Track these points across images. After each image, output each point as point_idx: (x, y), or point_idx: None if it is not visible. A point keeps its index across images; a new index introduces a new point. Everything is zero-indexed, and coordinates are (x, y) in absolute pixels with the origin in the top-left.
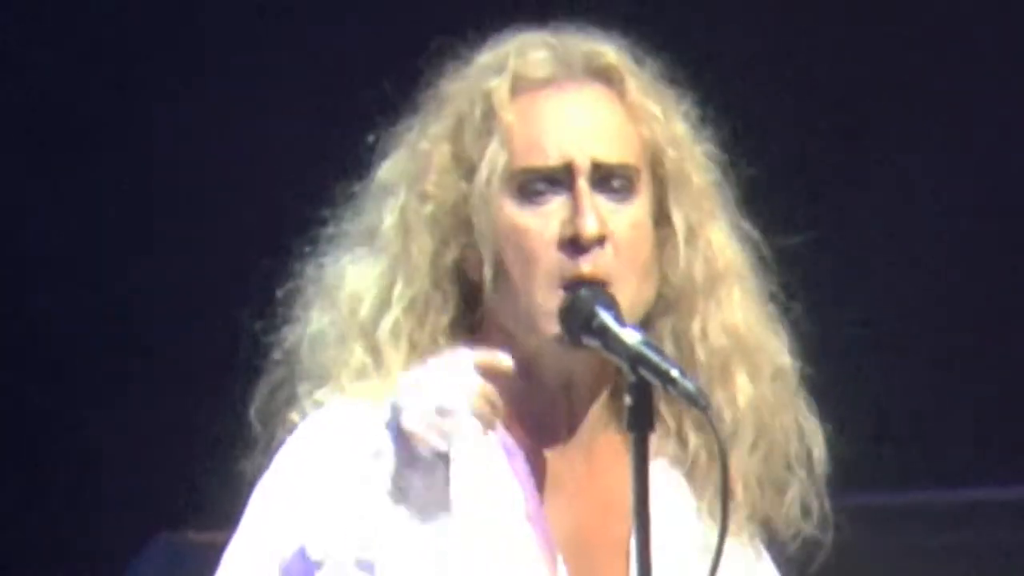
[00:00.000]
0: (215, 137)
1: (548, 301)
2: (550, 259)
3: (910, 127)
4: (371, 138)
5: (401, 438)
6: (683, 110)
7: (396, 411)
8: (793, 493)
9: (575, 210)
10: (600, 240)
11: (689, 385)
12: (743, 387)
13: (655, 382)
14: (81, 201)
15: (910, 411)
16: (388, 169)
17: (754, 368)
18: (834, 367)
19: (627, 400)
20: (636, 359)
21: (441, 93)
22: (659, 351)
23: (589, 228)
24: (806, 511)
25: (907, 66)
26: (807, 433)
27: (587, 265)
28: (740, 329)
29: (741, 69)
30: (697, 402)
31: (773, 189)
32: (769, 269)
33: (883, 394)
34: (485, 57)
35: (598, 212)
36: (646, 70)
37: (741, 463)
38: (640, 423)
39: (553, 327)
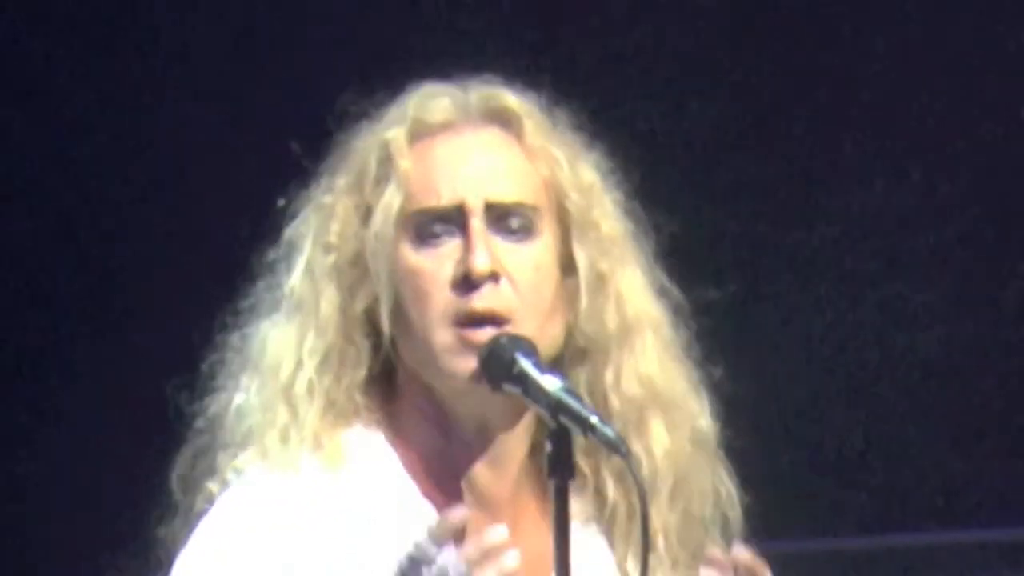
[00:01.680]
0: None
1: (444, 340)
2: (444, 299)
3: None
4: (281, 202)
5: None
6: (592, 159)
7: None
8: (709, 548)
9: (466, 249)
10: (494, 277)
11: (608, 432)
12: (659, 438)
13: (575, 429)
14: None
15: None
16: (296, 226)
17: (671, 421)
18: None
19: (547, 447)
20: (556, 406)
21: (346, 148)
22: (579, 398)
23: (479, 265)
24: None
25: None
26: (724, 498)
27: (479, 302)
28: (655, 379)
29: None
30: (617, 448)
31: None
32: (688, 325)
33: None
34: (390, 111)
35: (490, 249)
36: (553, 118)
37: (661, 514)
38: (560, 470)
39: (457, 364)
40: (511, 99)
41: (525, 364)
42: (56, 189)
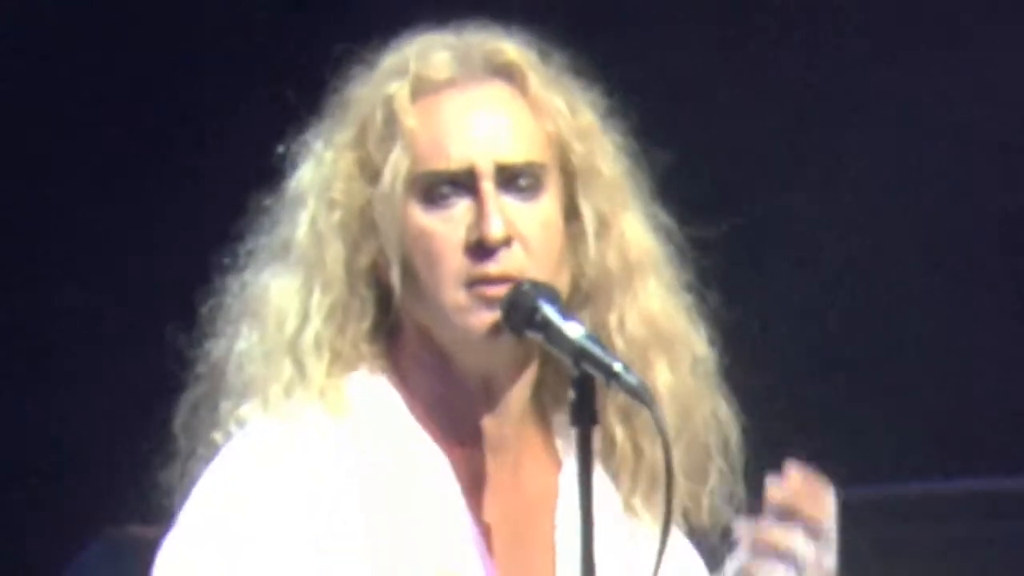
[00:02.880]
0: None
1: (457, 299)
2: (457, 262)
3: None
4: (280, 149)
5: None
6: (590, 100)
7: None
8: (713, 482)
9: (479, 214)
10: (506, 241)
11: (632, 380)
12: (663, 376)
13: (598, 376)
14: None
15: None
16: (297, 180)
17: (673, 357)
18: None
19: (570, 394)
20: (579, 353)
21: (345, 99)
22: (602, 345)
23: (494, 231)
24: (726, 500)
25: (845, 60)
26: (724, 422)
27: (494, 267)
28: (658, 319)
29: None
30: (641, 397)
31: (692, 176)
32: (685, 257)
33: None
34: (387, 61)
35: (503, 214)
36: (550, 64)
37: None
38: (584, 418)
39: (471, 321)
40: (513, 51)
41: (548, 311)
42: None
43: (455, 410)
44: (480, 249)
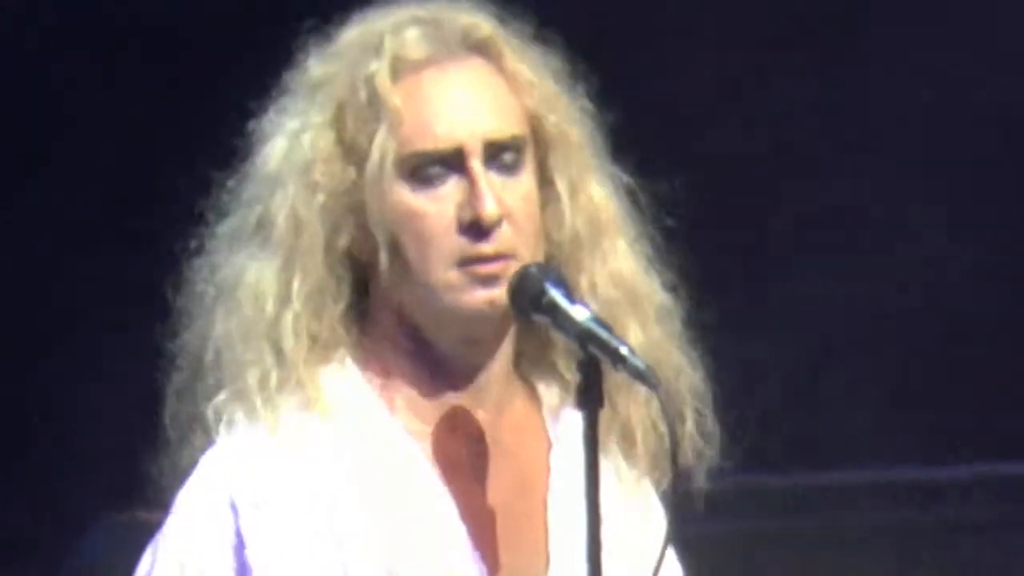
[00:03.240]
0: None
1: (449, 279)
2: (450, 242)
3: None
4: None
5: None
6: (553, 67)
7: None
8: (691, 424)
9: (473, 194)
10: (500, 220)
11: (639, 363)
12: (636, 336)
13: (604, 359)
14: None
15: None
16: (270, 160)
17: (642, 313)
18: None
19: (577, 378)
20: (585, 336)
21: (313, 77)
22: (608, 328)
23: (489, 211)
24: (702, 444)
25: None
26: (691, 366)
27: (488, 246)
28: (627, 277)
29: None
30: (648, 380)
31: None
32: (645, 213)
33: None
34: (353, 35)
35: (496, 193)
36: (516, 34)
37: (639, 413)
38: (590, 401)
39: (464, 300)
40: (487, 27)
41: (555, 294)
42: None
43: (433, 394)
44: (475, 229)
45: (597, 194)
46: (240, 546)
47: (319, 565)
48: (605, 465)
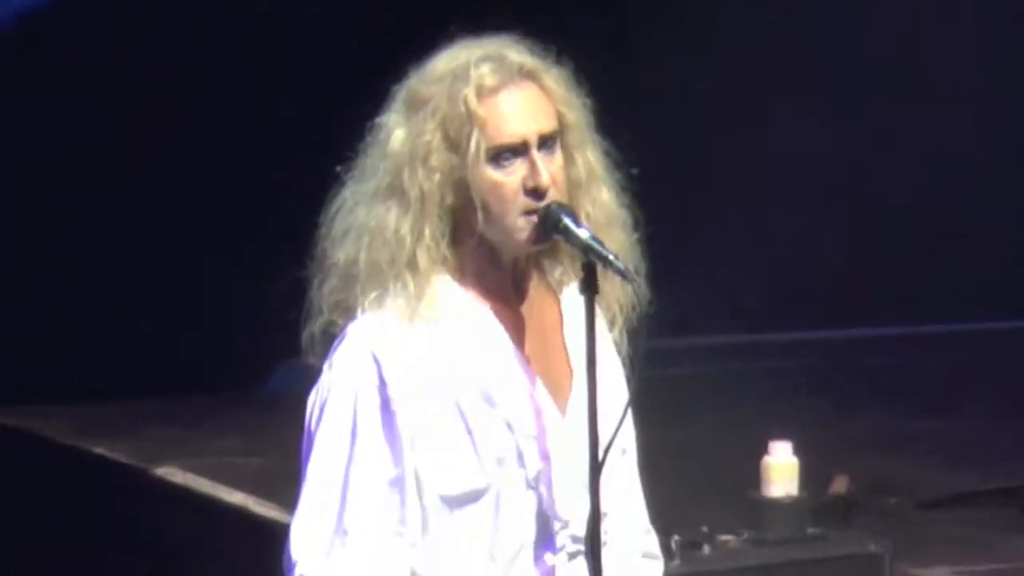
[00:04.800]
0: None
1: (516, 223)
2: (520, 201)
3: None
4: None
5: None
6: (566, 78)
7: None
8: (644, 304)
9: (534, 170)
10: (549, 187)
11: (620, 265)
12: (615, 246)
13: (598, 263)
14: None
15: None
16: (396, 146)
17: (618, 233)
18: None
19: (581, 274)
20: (587, 248)
21: (420, 94)
22: (601, 243)
23: (545, 181)
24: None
25: None
26: (643, 266)
27: (543, 202)
28: (607, 207)
29: None
30: (626, 276)
31: None
32: (618, 167)
33: None
34: (444, 66)
35: (547, 168)
36: (545, 59)
37: (616, 294)
38: (589, 288)
39: (524, 237)
40: (531, 61)
41: (567, 221)
42: None
43: (499, 286)
44: (536, 192)
45: (591, 156)
46: (382, 385)
47: (438, 396)
48: (599, 323)
